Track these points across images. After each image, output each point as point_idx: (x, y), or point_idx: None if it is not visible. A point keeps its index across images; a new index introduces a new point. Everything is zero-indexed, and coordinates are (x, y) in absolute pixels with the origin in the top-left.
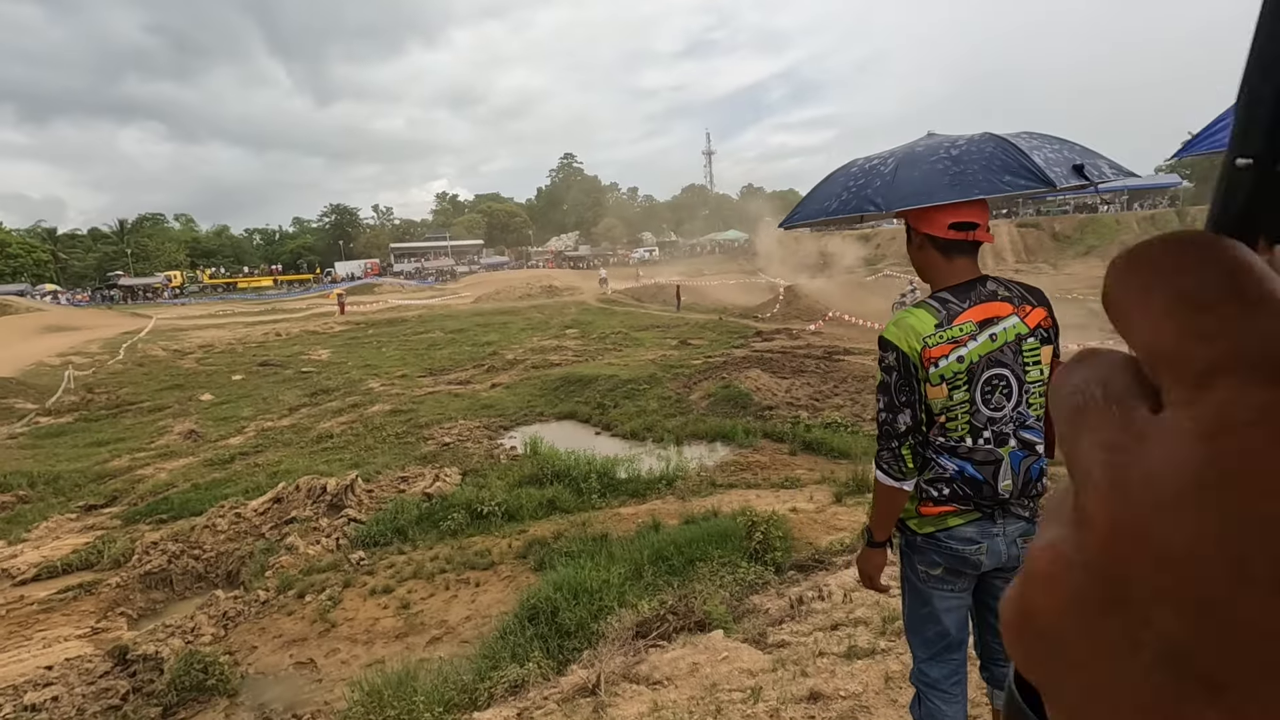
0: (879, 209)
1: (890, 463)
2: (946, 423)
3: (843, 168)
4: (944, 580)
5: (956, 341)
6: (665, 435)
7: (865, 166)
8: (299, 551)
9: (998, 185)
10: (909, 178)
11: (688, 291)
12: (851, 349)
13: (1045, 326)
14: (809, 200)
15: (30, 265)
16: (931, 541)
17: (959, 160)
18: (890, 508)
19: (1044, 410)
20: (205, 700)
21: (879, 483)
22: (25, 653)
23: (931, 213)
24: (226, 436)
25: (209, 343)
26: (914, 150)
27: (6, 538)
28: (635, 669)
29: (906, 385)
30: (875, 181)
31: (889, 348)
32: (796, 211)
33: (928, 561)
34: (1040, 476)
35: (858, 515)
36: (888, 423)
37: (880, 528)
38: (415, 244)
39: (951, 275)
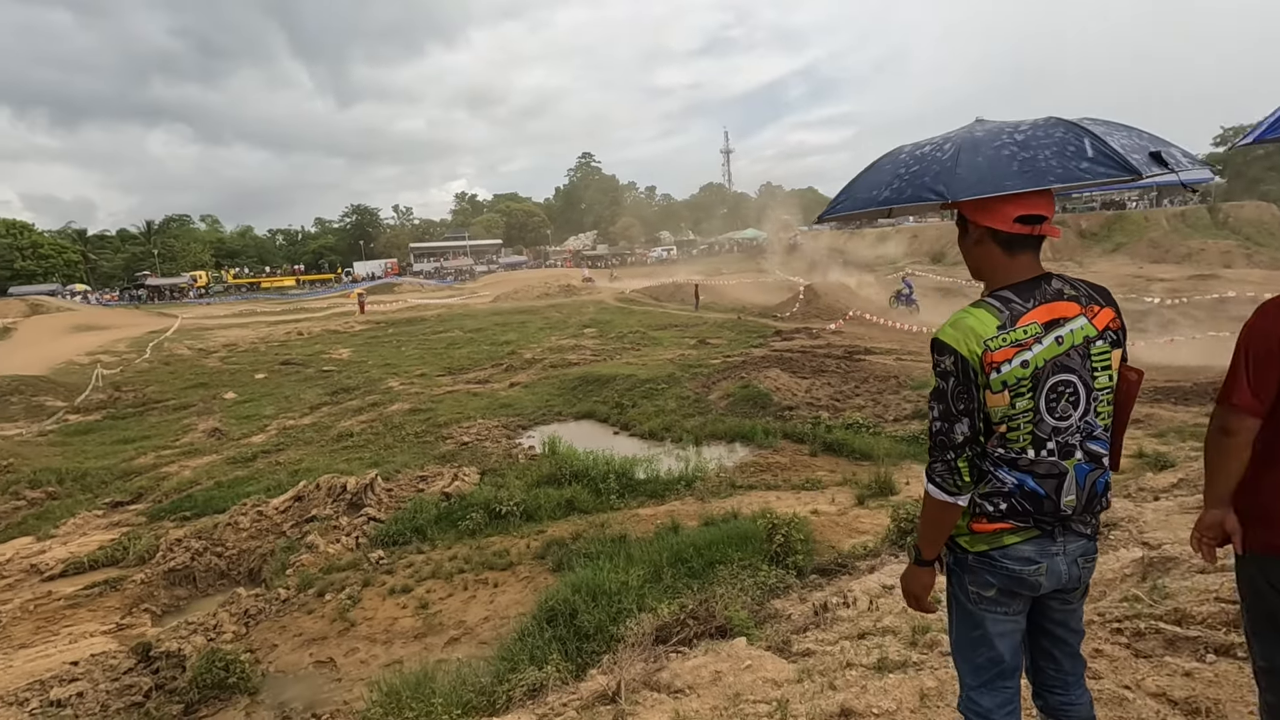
0: (941, 197)
1: (944, 476)
2: (1007, 433)
3: (889, 155)
4: (997, 602)
5: (1020, 345)
6: (684, 435)
7: (916, 153)
8: (319, 550)
9: (1074, 173)
10: (973, 164)
11: (706, 290)
12: (873, 348)
13: (1114, 328)
14: (854, 189)
15: (61, 265)
16: (984, 560)
17: (1026, 145)
18: (942, 524)
19: (1111, 419)
20: (226, 698)
21: (930, 497)
22: (52, 648)
23: (994, 203)
24: (249, 434)
25: (233, 342)
26: (974, 135)
27: (36, 533)
28: (656, 676)
29: (965, 392)
30: (933, 168)
31: (945, 351)
32: (840, 201)
33: (980, 582)
34: (1105, 491)
35: (880, 518)
36: (943, 433)
37: (930, 545)
38: (434, 244)
39: (1013, 272)
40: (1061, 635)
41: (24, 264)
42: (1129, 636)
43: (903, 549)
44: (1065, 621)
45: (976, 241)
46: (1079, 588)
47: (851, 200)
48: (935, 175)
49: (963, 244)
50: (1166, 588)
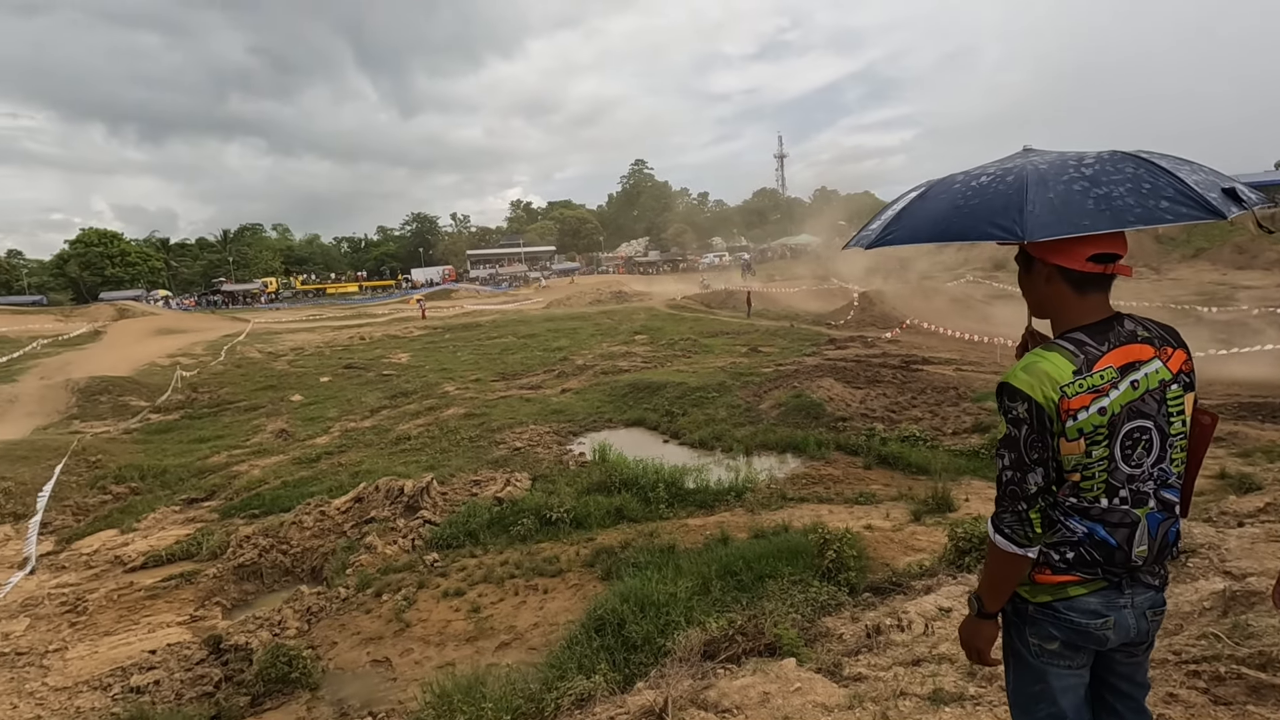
0: (1014, 236)
1: (1014, 527)
2: (1081, 481)
3: (941, 184)
4: (1061, 655)
5: (1098, 390)
6: (734, 445)
7: (973, 184)
8: (377, 551)
9: (1155, 213)
10: (1045, 200)
11: (758, 297)
12: (932, 358)
13: (1187, 371)
14: (906, 219)
15: (146, 272)
16: (1047, 612)
17: (1097, 181)
18: (1010, 577)
19: (1184, 465)
20: (289, 693)
21: (997, 549)
22: (133, 636)
23: (1066, 241)
24: (314, 436)
25: (300, 346)
26: (1037, 167)
27: (120, 526)
28: (703, 694)
29: (1039, 440)
30: (996, 203)
31: (1019, 398)
32: (891, 232)
33: (1042, 634)
34: (1176, 541)
35: (937, 536)
36: (1014, 482)
37: (995, 598)
38: (490, 250)
39: (1085, 313)
40: (1126, 690)
41: (113, 271)
42: (1207, 680)
43: (961, 569)
44: (1130, 675)
45: (1046, 280)
46: (1146, 641)
47: (905, 231)
48: (1002, 210)
49: (1025, 280)
50: (1250, 626)
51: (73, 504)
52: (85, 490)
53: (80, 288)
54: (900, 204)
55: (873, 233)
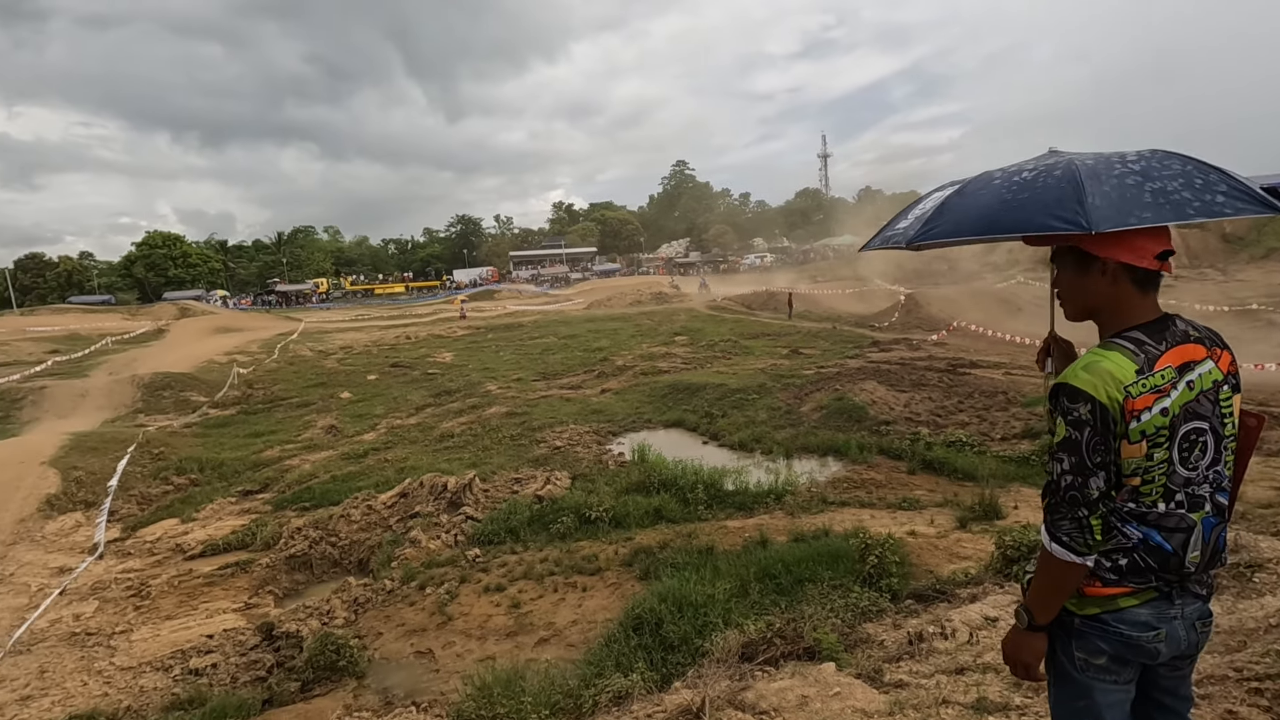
0: (1076, 227)
1: (1074, 534)
2: (1141, 485)
3: (978, 180)
4: (1108, 670)
5: (1159, 391)
6: (774, 447)
7: (1017, 179)
8: (421, 545)
9: (1213, 207)
10: (1102, 193)
11: (800, 299)
12: (979, 361)
13: (1234, 372)
14: (947, 214)
15: (205, 273)
16: (1095, 625)
17: (1148, 176)
18: (1065, 588)
19: (1232, 469)
20: (337, 680)
21: (1053, 558)
22: (192, 621)
23: (1133, 238)
24: (361, 432)
25: (349, 344)
26: (1084, 162)
27: (180, 515)
28: (741, 696)
29: (1103, 444)
30: (1048, 196)
31: (1081, 398)
32: (933, 227)
33: (1090, 648)
34: (1224, 548)
35: (984, 543)
36: (1075, 488)
37: (1047, 610)
38: (532, 252)
39: (1143, 312)
40: (1170, 704)
41: (176, 272)
42: (1270, 699)
43: (1009, 578)
44: (1175, 689)
45: (1111, 279)
46: (1194, 654)
47: (948, 226)
48: (1058, 203)
49: (1078, 281)
50: None
51: (138, 493)
52: (149, 481)
53: (145, 288)
54: (931, 201)
55: (907, 230)
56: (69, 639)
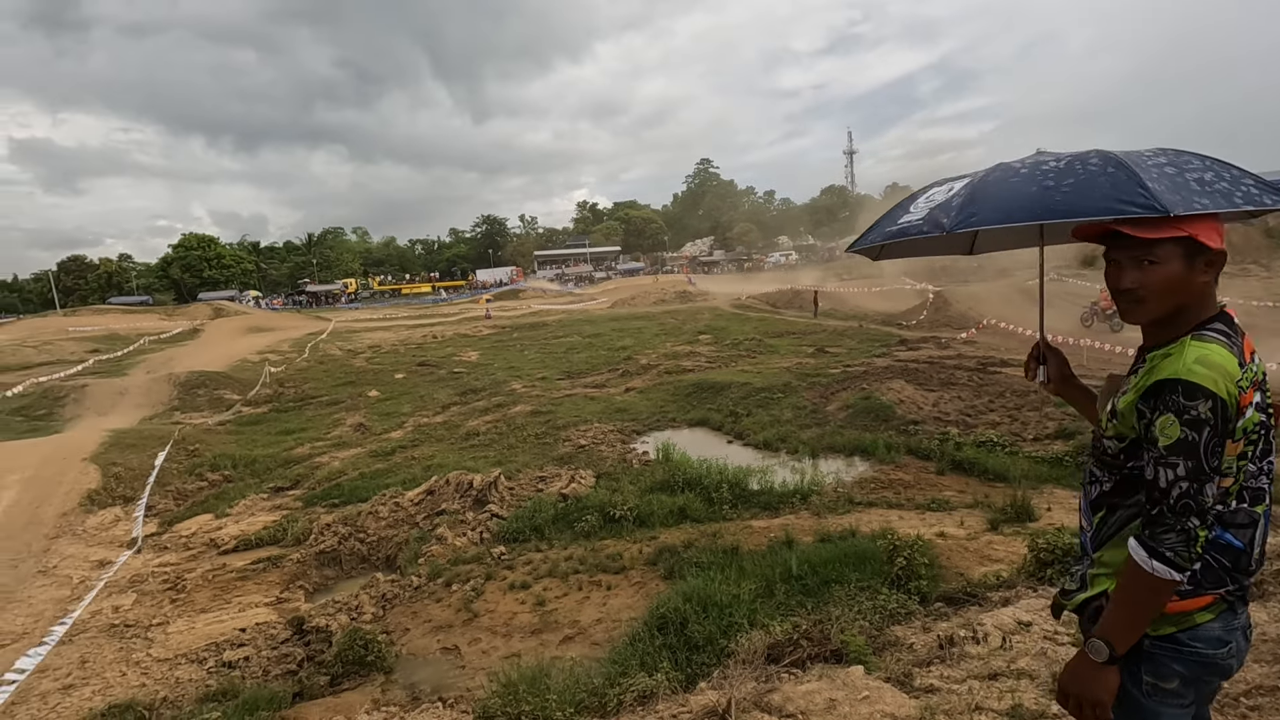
0: (1155, 211)
1: (1179, 549)
2: (1231, 485)
3: (1000, 171)
4: (1177, 694)
5: (1255, 384)
6: (800, 447)
7: (1044, 168)
8: (448, 542)
9: (1251, 197)
10: (1153, 178)
11: (826, 297)
12: (1010, 360)
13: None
14: (983, 200)
15: (239, 274)
16: (1167, 646)
17: (1180, 168)
18: (1157, 609)
19: None
20: (365, 675)
21: (1151, 577)
22: (225, 614)
23: (1214, 224)
24: (389, 430)
25: (377, 344)
26: (1115, 154)
27: (215, 511)
28: (767, 698)
29: (1220, 444)
30: (1101, 180)
31: (1201, 395)
32: (971, 214)
33: (1161, 671)
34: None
35: (1016, 546)
36: (1189, 495)
37: (1131, 636)
38: (556, 251)
39: (1215, 302)
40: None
41: (211, 273)
42: None
43: (1042, 581)
44: (1204, 710)
45: (1205, 268)
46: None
47: (990, 213)
48: (1116, 187)
49: (1186, 275)
50: None
51: (174, 489)
52: (185, 477)
53: (181, 289)
54: (940, 194)
55: (933, 218)
56: (108, 630)
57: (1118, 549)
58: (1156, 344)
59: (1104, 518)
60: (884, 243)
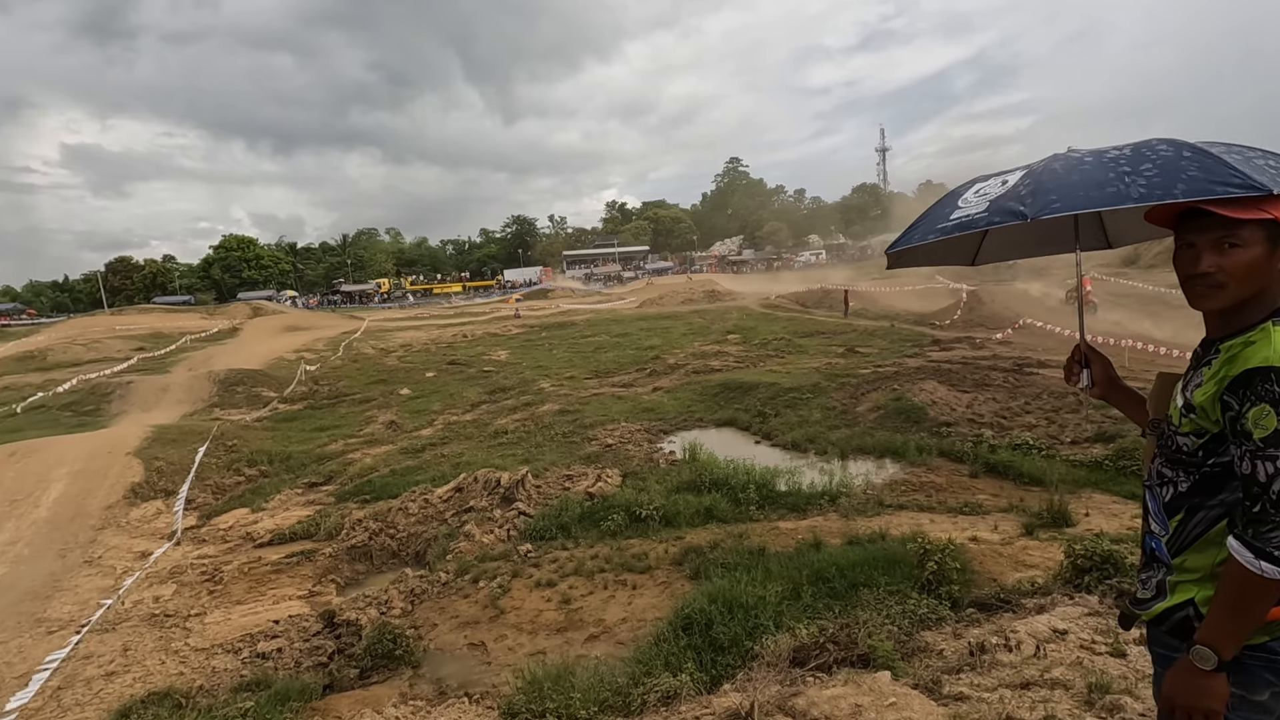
0: (1253, 190)
1: None
2: None
3: (1063, 161)
4: (1266, 709)
5: None
6: (829, 448)
7: (1111, 157)
8: (475, 539)
9: None
10: (1242, 161)
11: (857, 296)
12: (1048, 361)
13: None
14: (1055, 189)
15: (276, 274)
16: (1260, 655)
17: (1245, 155)
18: (1266, 610)
19: None
20: (394, 668)
21: (1259, 579)
22: (260, 606)
23: None
24: (419, 428)
25: (408, 343)
26: (1182, 140)
27: (251, 505)
28: (791, 702)
29: None
30: (1184, 165)
31: None
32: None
33: (1252, 683)
34: None
35: (1052, 552)
36: None
37: (1237, 642)
38: (585, 251)
39: None
40: None
41: (249, 273)
42: None
43: (1080, 589)
44: None
45: None
46: None
47: (1070, 200)
48: (1206, 169)
49: (1269, 258)
50: None
51: (212, 483)
52: (223, 471)
53: (221, 288)
54: (991, 188)
55: (998, 211)
56: (149, 619)
57: (1203, 553)
58: (1230, 332)
59: (1183, 521)
60: (935, 240)
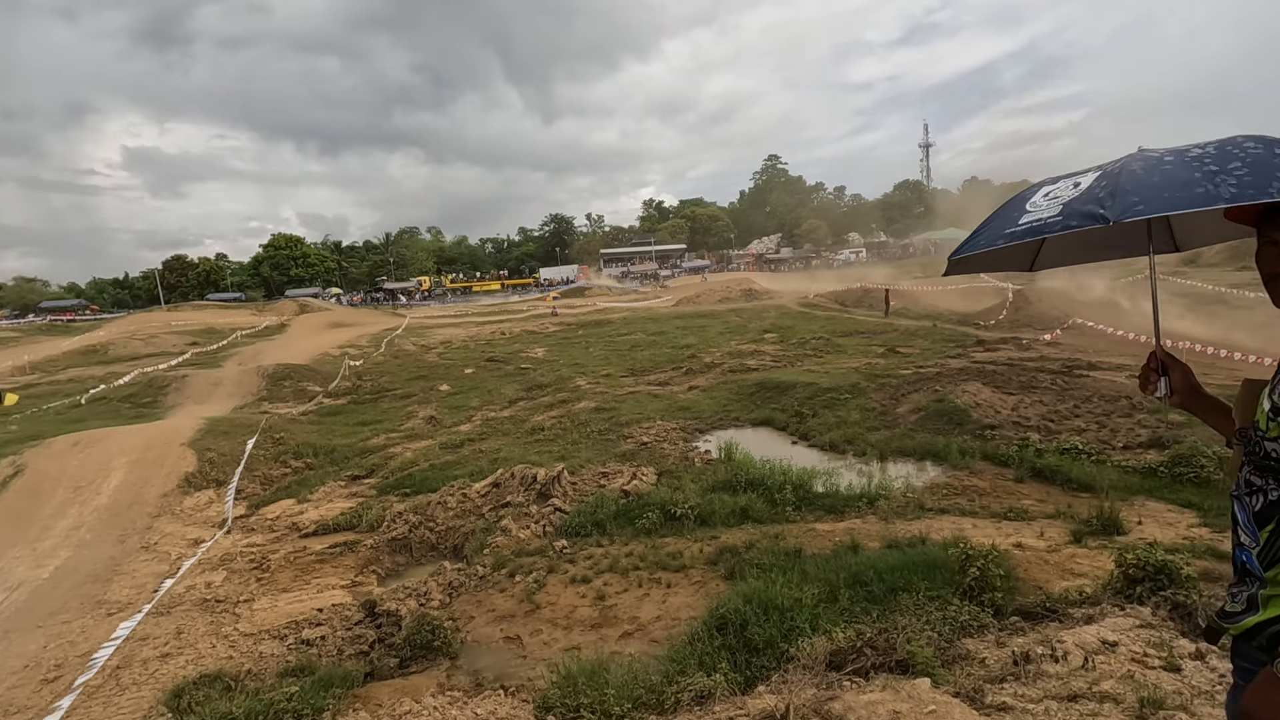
0: None
1: None
2: None
3: (1144, 160)
4: None
5: None
6: (867, 449)
7: (1193, 156)
8: (512, 534)
9: None
10: None
11: (898, 295)
12: (1099, 362)
13: None
14: (1138, 189)
15: (322, 272)
16: None
17: None
18: None
19: None
20: (432, 659)
21: None
22: (305, 594)
23: None
24: (458, 423)
25: (448, 340)
26: (1268, 136)
27: (297, 496)
28: (828, 706)
29: None
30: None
31: None
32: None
33: None
34: None
35: (1102, 560)
36: None
37: None
38: (622, 249)
39: None
40: None
41: (297, 271)
42: None
43: (1131, 600)
44: None
45: None
46: None
47: (1157, 202)
48: None
49: None
50: None
51: (261, 474)
52: (270, 463)
53: (270, 286)
54: (1061, 190)
55: (1073, 214)
56: (201, 604)
57: None
58: None
59: (1274, 531)
60: (1004, 245)
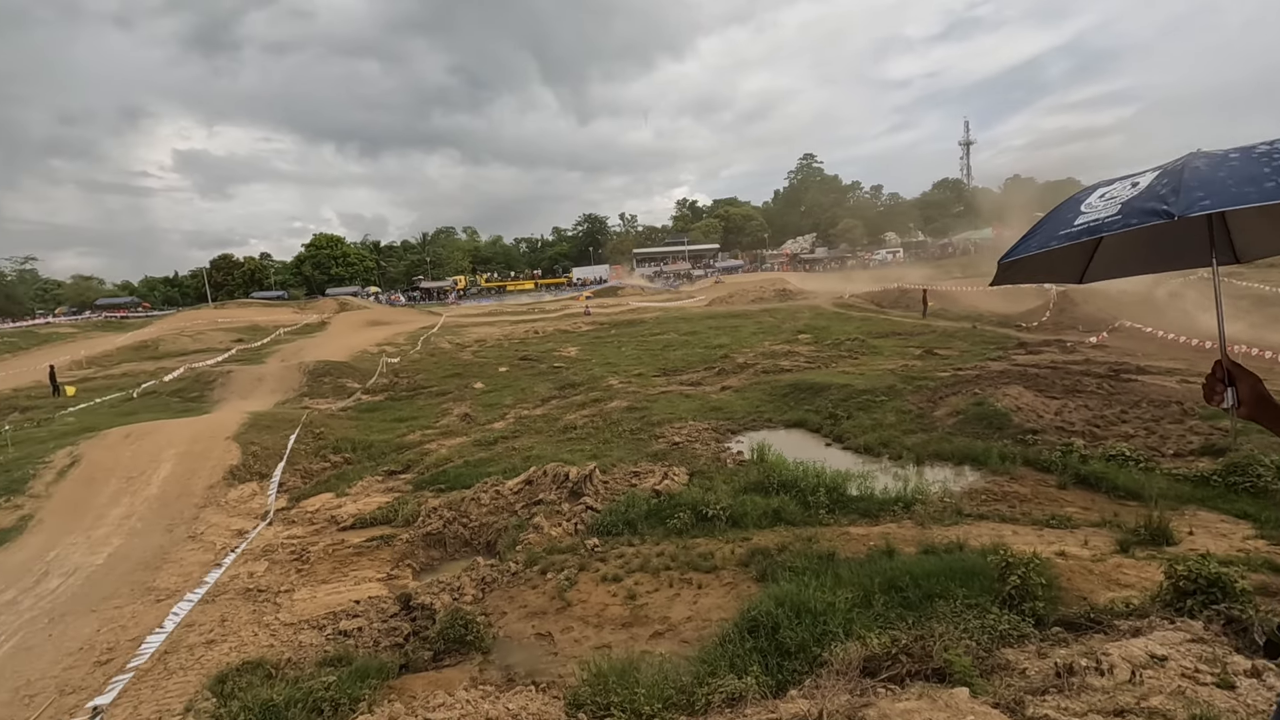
0: None
1: None
2: None
3: (1206, 159)
4: None
5: None
6: (903, 453)
7: (1261, 153)
8: (544, 531)
9: None
10: None
11: (936, 296)
12: (1148, 366)
13: None
14: (1203, 185)
15: (361, 271)
16: None
17: None
18: None
19: None
20: (464, 653)
21: None
22: (343, 586)
23: None
24: (492, 421)
25: (482, 338)
26: None
27: (335, 490)
28: (862, 713)
29: None
30: None
31: None
32: (1202, 198)
33: None
34: None
35: (1150, 571)
36: None
37: None
38: (655, 249)
39: None
40: None
41: (337, 270)
42: None
43: (1181, 613)
44: None
45: None
46: None
47: (1224, 196)
48: None
49: None
50: None
51: (301, 468)
52: (311, 457)
53: (311, 284)
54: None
55: (1134, 212)
56: (244, 594)
57: None
58: None
59: None
60: (1057, 246)
